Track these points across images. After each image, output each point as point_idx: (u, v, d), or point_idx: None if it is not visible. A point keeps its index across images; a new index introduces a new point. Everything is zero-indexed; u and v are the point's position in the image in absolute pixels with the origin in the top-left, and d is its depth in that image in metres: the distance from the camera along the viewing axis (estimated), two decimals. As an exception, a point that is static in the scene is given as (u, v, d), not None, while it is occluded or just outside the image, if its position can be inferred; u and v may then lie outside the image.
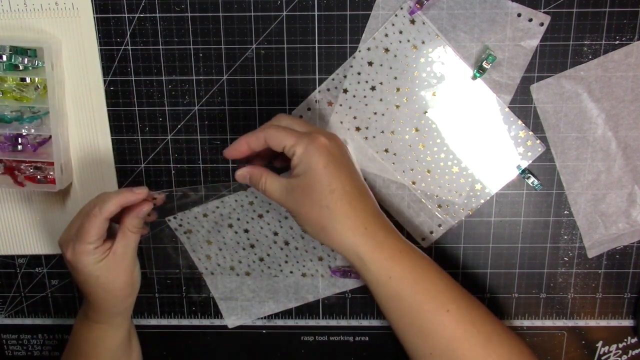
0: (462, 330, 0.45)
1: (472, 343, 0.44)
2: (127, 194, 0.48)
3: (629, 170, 0.55)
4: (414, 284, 0.45)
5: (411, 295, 0.45)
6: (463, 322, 0.45)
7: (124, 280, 0.50)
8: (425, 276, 0.46)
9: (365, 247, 0.45)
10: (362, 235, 0.45)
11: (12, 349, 0.65)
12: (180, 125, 0.57)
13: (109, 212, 0.47)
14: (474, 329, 0.45)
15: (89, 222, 0.47)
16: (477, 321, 0.45)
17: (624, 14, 0.52)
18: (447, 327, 0.45)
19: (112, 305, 0.51)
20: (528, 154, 0.56)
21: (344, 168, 0.46)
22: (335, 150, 0.46)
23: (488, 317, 0.47)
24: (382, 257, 0.46)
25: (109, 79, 0.55)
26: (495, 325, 0.46)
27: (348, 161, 0.47)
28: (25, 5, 0.53)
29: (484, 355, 0.44)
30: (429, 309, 0.45)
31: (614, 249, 0.58)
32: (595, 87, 0.53)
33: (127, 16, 0.54)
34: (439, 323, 0.45)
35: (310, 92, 0.55)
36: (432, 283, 0.46)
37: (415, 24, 0.53)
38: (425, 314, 0.45)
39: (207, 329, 0.63)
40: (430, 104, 0.55)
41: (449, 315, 0.45)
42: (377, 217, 0.47)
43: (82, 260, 0.48)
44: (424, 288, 0.46)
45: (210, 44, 0.54)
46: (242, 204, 0.57)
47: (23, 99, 0.53)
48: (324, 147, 0.45)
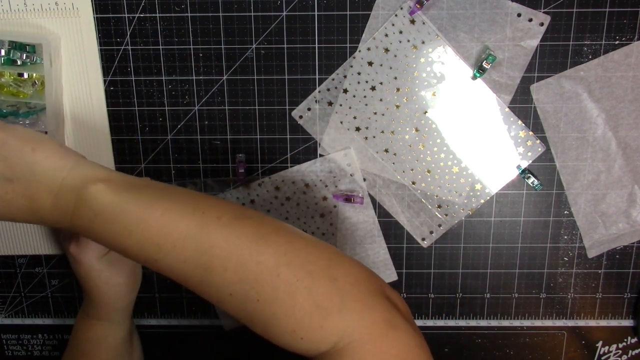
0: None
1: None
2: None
3: (629, 170, 0.55)
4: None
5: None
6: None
7: (126, 275, 0.50)
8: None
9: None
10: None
11: (12, 349, 0.65)
12: (180, 125, 0.57)
13: None
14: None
15: None
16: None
17: (624, 14, 0.52)
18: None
19: (113, 301, 0.51)
20: (528, 154, 0.56)
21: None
22: None
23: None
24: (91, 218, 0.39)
25: (109, 78, 0.55)
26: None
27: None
28: (25, 5, 0.53)
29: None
30: (148, 266, 0.39)
31: (614, 249, 0.58)
32: (595, 87, 0.53)
33: (127, 16, 0.54)
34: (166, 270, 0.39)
35: (310, 92, 0.55)
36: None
37: (415, 24, 0.53)
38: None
39: (207, 329, 0.63)
40: (430, 104, 0.55)
41: (160, 264, 0.38)
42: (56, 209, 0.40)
43: (85, 254, 0.48)
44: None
45: (210, 44, 0.54)
46: (243, 201, 0.57)
47: (20, 94, 0.53)
48: None
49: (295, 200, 0.57)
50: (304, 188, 0.54)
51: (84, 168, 0.40)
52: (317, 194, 0.56)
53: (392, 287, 0.40)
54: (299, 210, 0.56)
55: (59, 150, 0.41)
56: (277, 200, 0.57)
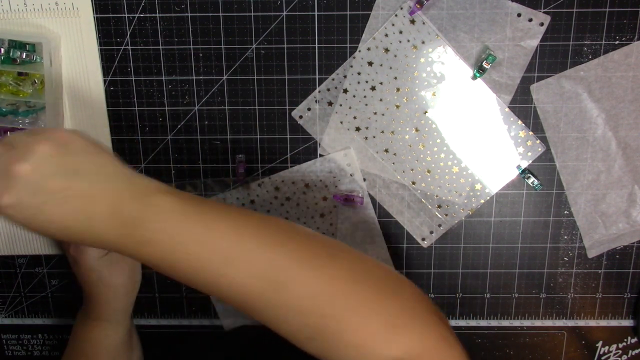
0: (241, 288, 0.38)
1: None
2: None
3: (629, 170, 0.55)
4: (173, 265, 0.39)
5: (173, 269, 0.39)
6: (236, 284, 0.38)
7: (126, 276, 0.50)
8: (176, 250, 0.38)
9: (129, 244, 0.39)
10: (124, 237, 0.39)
11: (12, 349, 0.65)
12: (180, 125, 0.57)
13: None
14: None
15: None
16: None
17: (624, 14, 0.52)
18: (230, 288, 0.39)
19: (113, 302, 0.51)
20: (528, 154, 0.56)
21: (49, 204, 0.38)
22: (23, 197, 0.39)
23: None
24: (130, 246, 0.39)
25: (109, 78, 0.55)
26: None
27: (46, 190, 0.38)
28: (26, 5, 0.53)
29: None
30: (199, 284, 0.39)
31: (614, 249, 0.58)
32: (595, 87, 0.53)
33: (127, 16, 0.54)
34: (217, 289, 0.39)
35: (310, 92, 0.55)
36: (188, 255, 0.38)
37: (415, 24, 0.53)
38: (201, 280, 0.39)
39: (207, 329, 0.63)
40: (430, 104, 0.55)
41: (226, 278, 0.38)
42: (116, 209, 0.39)
43: (85, 256, 0.48)
44: (179, 268, 0.39)
45: (210, 44, 0.54)
46: (243, 202, 0.56)
47: (19, 93, 0.53)
48: (10, 208, 0.40)
49: (295, 201, 0.57)
50: (304, 188, 0.54)
51: (143, 178, 0.40)
52: (317, 194, 0.56)
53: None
54: (298, 210, 0.56)
55: (117, 159, 0.41)
56: (277, 201, 0.57)
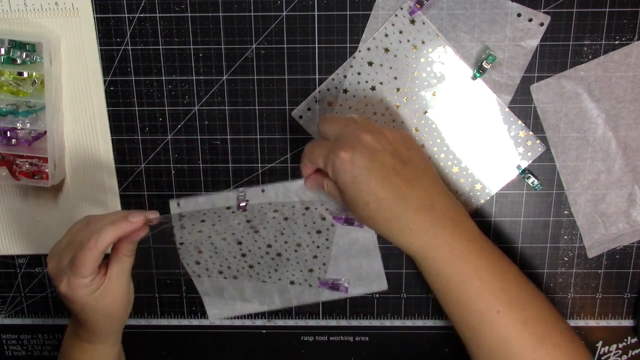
0: (512, 331, 0.43)
1: (521, 345, 0.43)
2: (123, 224, 0.45)
3: (629, 170, 0.55)
4: (462, 284, 0.44)
5: (461, 293, 0.44)
6: (514, 322, 0.43)
7: (121, 303, 0.49)
8: (476, 275, 0.44)
9: (413, 248, 0.44)
10: (409, 236, 0.44)
11: (12, 349, 0.65)
12: (180, 125, 0.57)
13: (106, 244, 0.44)
14: (526, 331, 0.43)
15: (84, 256, 0.44)
16: (530, 321, 0.43)
17: (624, 14, 0.52)
18: (495, 328, 0.43)
19: (109, 328, 0.50)
20: (528, 154, 0.56)
21: (374, 174, 0.43)
22: (360, 159, 0.43)
23: (546, 316, 0.45)
24: (430, 257, 0.44)
25: (109, 78, 0.55)
26: (553, 326, 0.44)
27: (379, 164, 0.44)
28: (25, 5, 0.53)
29: (534, 357, 0.43)
30: (477, 309, 0.44)
31: (614, 249, 0.58)
32: (595, 87, 0.53)
33: (127, 16, 0.54)
34: (487, 323, 0.43)
35: (310, 92, 0.55)
36: (483, 282, 0.44)
37: (415, 24, 0.53)
38: (473, 313, 0.44)
39: (207, 328, 0.63)
40: (430, 104, 0.55)
41: (499, 315, 0.43)
42: (425, 212, 0.44)
43: (77, 292, 0.46)
44: (473, 287, 0.44)
45: (210, 44, 0.54)
46: (239, 222, 0.56)
47: (19, 93, 0.53)
48: (346, 162, 0.43)
49: (293, 220, 0.56)
50: (303, 210, 0.54)
51: (455, 201, 0.47)
52: (316, 216, 0.56)
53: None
54: (295, 226, 0.56)
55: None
56: (274, 220, 0.56)
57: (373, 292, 0.60)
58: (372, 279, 0.59)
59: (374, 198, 0.43)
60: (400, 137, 0.46)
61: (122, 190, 0.59)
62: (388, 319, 0.62)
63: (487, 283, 0.44)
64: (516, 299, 0.44)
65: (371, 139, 0.44)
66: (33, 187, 0.58)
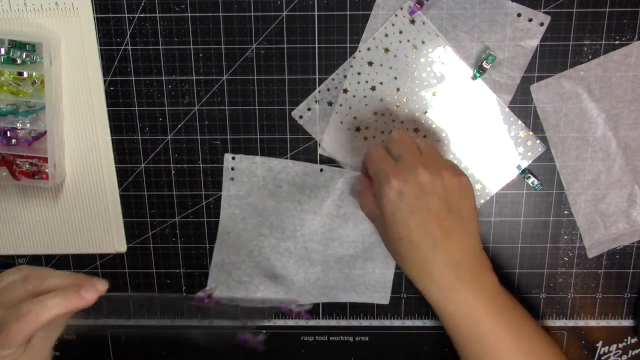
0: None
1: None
2: (74, 299, 0.39)
3: (629, 170, 0.55)
4: (478, 340, 0.45)
5: (476, 346, 0.46)
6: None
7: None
8: (492, 332, 0.45)
9: (434, 299, 0.45)
10: (429, 285, 0.45)
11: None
12: (180, 125, 0.57)
13: (47, 320, 0.38)
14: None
15: (19, 328, 0.37)
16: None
17: (624, 14, 0.52)
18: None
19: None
20: (528, 154, 0.56)
21: (416, 215, 0.43)
22: (408, 194, 0.43)
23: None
24: (448, 311, 0.45)
25: (109, 78, 0.55)
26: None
27: (424, 206, 0.43)
28: (25, 5, 0.53)
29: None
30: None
31: (614, 249, 0.58)
32: (595, 87, 0.53)
33: (127, 16, 0.54)
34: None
35: (310, 92, 0.55)
36: (499, 338, 0.46)
37: (415, 24, 0.53)
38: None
39: (207, 329, 0.63)
40: (430, 104, 0.55)
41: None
42: (451, 268, 0.44)
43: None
44: (488, 342, 0.45)
45: (210, 44, 0.54)
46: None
47: (19, 93, 0.53)
48: (394, 191, 0.43)
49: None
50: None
51: (483, 253, 0.48)
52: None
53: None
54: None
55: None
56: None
57: (373, 303, 0.61)
58: (377, 290, 0.60)
59: (407, 236, 0.44)
60: (457, 183, 0.45)
61: (122, 190, 0.59)
62: (388, 319, 0.62)
63: (502, 340, 0.45)
64: (531, 352, 0.46)
65: (427, 177, 0.44)
66: (33, 187, 0.58)
